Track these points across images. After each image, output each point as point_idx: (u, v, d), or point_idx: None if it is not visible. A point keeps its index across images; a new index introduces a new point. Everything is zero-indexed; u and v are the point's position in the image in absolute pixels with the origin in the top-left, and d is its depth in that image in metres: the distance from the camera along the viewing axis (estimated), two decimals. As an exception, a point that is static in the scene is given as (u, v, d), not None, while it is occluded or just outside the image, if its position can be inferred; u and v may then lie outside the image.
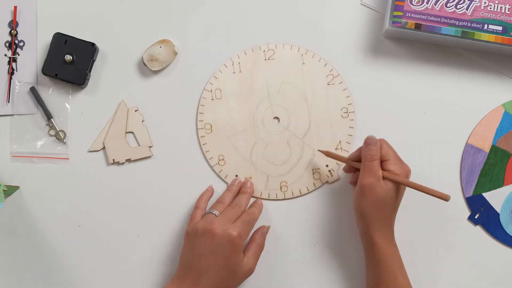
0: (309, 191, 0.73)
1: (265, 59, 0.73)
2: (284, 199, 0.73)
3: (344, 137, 0.73)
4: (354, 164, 0.68)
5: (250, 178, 0.72)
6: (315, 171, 0.73)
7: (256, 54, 0.73)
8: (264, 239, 0.70)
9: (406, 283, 0.65)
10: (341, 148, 0.73)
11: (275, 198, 0.73)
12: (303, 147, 0.73)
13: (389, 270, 0.64)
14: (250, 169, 0.73)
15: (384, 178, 0.64)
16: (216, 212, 0.67)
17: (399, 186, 0.64)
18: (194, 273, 0.64)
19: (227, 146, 0.73)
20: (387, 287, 0.64)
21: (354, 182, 0.68)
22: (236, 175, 0.73)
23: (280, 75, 0.73)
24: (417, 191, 0.64)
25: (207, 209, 0.69)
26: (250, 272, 0.67)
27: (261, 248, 0.69)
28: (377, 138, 0.66)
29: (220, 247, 0.64)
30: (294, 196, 0.73)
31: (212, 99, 0.73)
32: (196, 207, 0.70)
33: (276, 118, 0.73)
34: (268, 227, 0.71)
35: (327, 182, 0.73)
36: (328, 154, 0.71)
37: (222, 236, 0.64)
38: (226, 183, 0.73)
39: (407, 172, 0.65)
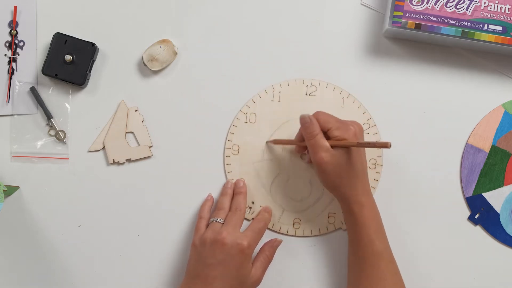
0: (321, 233, 0.72)
1: (306, 94, 0.73)
2: (295, 235, 0.73)
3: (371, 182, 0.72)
4: (303, 144, 0.67)
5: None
6: (331, 215, 0.72)
7: (298, 87, 0.73)
8: (274, 252, 0.70)
9: (383, 247, 0.65)
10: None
11: (285, 233, 0.72)
12: (324, 189, 0.72)
13: (365, 234, 0.64)
14: (267, 199, 0.72)
15: (332, 146, 0.63)
16: (220, 219, 0.67)
17: (349, 148, 0.64)
18: (202, 282, 0.64)
19: (249, 171, 0.73)
20: (364, 252, 0.64)
21: (309, 160, 0.68)
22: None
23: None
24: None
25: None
26: (257, 283, 0.67)
27: (269, 260, 0.70)
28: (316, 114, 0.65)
29: (230, 257, 0.64)
30: (305, 235, 0.72)
31: (246, 122, 0.73)
32: (199, 217, 0.70)
33: (305, 154, 0.72)
34: (280, 241, 0.71)
35: (340, 228, 0.72)
36: (276, 142, 0.71)
37: (232, 246, 0.64)
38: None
39: (354, 132, 0.64)
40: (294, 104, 0.73)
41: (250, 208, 0.72)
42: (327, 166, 0.63)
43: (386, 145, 0.56)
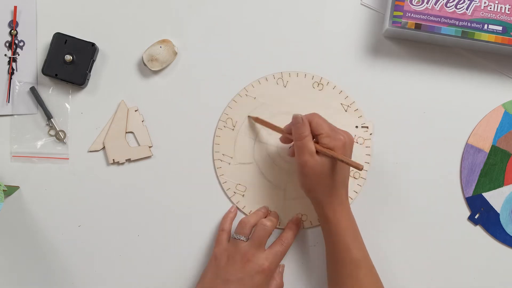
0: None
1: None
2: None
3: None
4: (290, 137, 0.67)
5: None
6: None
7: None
8: (282, 277, 0.70)
9: (360, 256, 0.64)
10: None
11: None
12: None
13: (342, 242, 0.64)
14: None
15: (317, 152, 0.63)
16: (243, 238, 0.67)
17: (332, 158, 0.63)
18: None
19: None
20: (342, 259, 0.64)
21: (292, 153, 0.68)
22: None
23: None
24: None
25: (232, 231, 0.70)
26: None
27: (281, 275, 0.70)
28: (305, 117, 0.65)
29: (249, 277, 0.64)
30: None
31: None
32: (221, 229, 0.70)
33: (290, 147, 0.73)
34: (283, 266, 0.71)
35: None
36: (257, 120, 0.71)
37: (253, 267, 0.64)
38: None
39: (343, 143, 0.63)
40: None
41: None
42: (308, 170, 0.63)
43: (358, 167, 0.59)
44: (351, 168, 0.72)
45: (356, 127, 0.73)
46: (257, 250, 0.66)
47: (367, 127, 0.73)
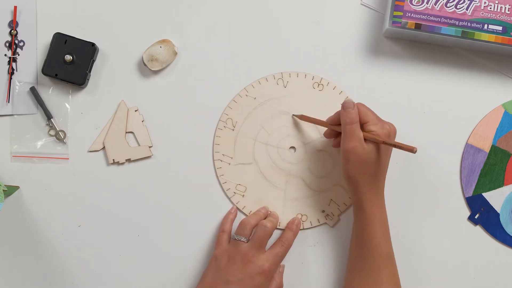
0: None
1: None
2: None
3: None
4: (335, 128, 0.67)
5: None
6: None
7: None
8: (282, 278, 0.70)
9: (388, 251, 0.65)
10: None
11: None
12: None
13: (373, 235, 0.64)
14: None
15: (365, 139, 0.63)
16: (244, 239, 0.67)
17: (380, 146, 0.64)
18: None
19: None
20: (370, 253, 0.64)
21: (337, 145, 0.68)
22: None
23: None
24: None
25: (232, 232, 0.70)
26: None
27: (281, 275, 0.70)
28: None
29: (249, 278, 0.64)
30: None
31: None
32: (221, 230, 0.70)
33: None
34: (283, 266, 0.71)
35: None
36: (303, 118, 0.71)
37: (254, 268, 0.65)
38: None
39: (389, 132, 0.64)
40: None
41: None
42: (356, 156, 0.63)
43: (412, 150, 0.60)
44: None
45: None
46: (257, 251, 0.66)
47: None
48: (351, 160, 0.64)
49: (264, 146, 0.73)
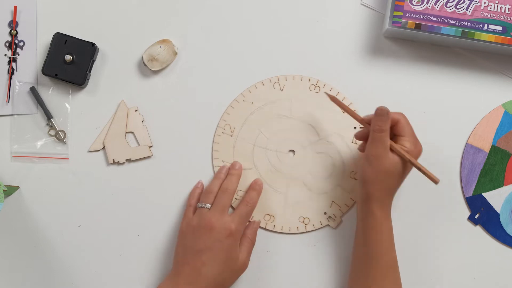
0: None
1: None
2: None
3: None
4: (367, 123, 0.66)
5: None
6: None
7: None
8: (255, 234, 0.70)
9: (394, 260, 0.65)
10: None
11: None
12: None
13: (382, 243, 0.64)
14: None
15: (392, 150, 0.63)
16: (207, 205, 0.67)
17: (405, 162, 0.64)
18: (190, 269, 0.64)
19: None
20: (377, 260, 0.64)
21: (363, 149, 0.67)
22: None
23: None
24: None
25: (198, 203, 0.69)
26: (244, 267, 0.67)
27: (253, 243, 0.69)
28: (396, 113, 0.65)
29: (218, 242, 0.64)
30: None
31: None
32: (188, 204, 0.70)
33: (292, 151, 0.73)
34: (259, 222, 0.71)
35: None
36: (333, 99, 0.68)
37: (219, 231, 0.64)
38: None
39: (419, 153, 0.65)
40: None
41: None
42: (378, 164, 0.63)
43: (435, 181, 0.62)
44: (351, 169, 0.72)
45: (355, 128, 0.73)
46: (221, 215, 0.65)
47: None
48: (373, 166, 0.63)
49: (263, 151, 0.73)
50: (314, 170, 0.73)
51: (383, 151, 0.63)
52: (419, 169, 0.63)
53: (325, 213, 0.72)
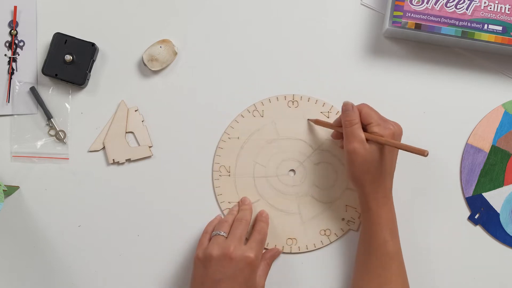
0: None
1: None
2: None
3: None
4: (339, 130, 0.67)
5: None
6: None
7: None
8: (273, 261, 0.71)
9: (395, 250, 0.65)
10: None
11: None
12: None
13: (380, 235, 0.64)
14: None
15: (368, 140, 0.64)
16: (223, 233, 0.66)
17: (383, 146, 0.64)
18: None
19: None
20: (377, 250, 0.65)
21: (342, 146, 0.68)
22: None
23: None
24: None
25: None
26: None
27: (269, 267, 0.70)
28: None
29: (239, 271, 0.63)
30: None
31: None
32: (205, 231, 0.70)
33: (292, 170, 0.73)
34: (280, 252, 0.72)
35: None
36: (317, 122, 0.71)
37: (240, 260, 0.63)
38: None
39: (393, 132, 0.64)
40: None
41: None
42: (357, 157, 0.63)
43: (422, 153, 0.58)
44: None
45: None
46: (239, 243, 0.65)
47: None
48: (354, 161, 0.64)
49: (264, 180, 0.73)
50: (319, 182, 0.72)
51: (358, 144, 0.63)
52: (399, 147, 0.62)
53: (343, 219, 0.72)
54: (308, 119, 0.72)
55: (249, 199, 0.72)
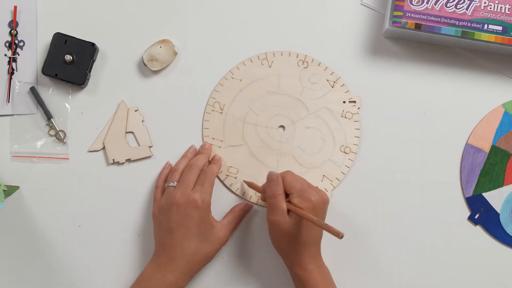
0: None
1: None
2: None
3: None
4: (263, 194, 0.68)
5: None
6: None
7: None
8: (243, 214, 0.71)
9: None
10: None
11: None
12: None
13: None
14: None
15: (288, 211, 0.63)
16: (173, 183, 0.67)
17: (302, 218, 0.63)
18: (168, 248, 0.65)
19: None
20: None
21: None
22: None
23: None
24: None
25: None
26: (222, 239, 0.68)
27: (237, 220, 0.70)
28: (281, 172, 0.66)
29: (186, 217, 0.64)
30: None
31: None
32: (156, 186, 0.71)
33: (282, 126, 0.73)
34: (251, 206, 0.71)
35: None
36: (249, 184, 0.71)
37: (186, 206, 0.64)
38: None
39: (313, 205, 0.62)
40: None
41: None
42: (279, 229, 0.63)
43: (337, 235, 0.56)
44: (341, 143, 0.72)
45: (344, 102, 0.73)
46: (185, 189, 0.66)
47: (355, 101, 0.73)
48: (274, 233, 0.64)
49: (253, 127, 0.73)
50: (304, 145, 0.73)
51: (280, 215, 0.63)
52: (317, 224, 0.60)
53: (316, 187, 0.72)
54: (243, 181, 0.72)
55: (209, 144, 0.72)
